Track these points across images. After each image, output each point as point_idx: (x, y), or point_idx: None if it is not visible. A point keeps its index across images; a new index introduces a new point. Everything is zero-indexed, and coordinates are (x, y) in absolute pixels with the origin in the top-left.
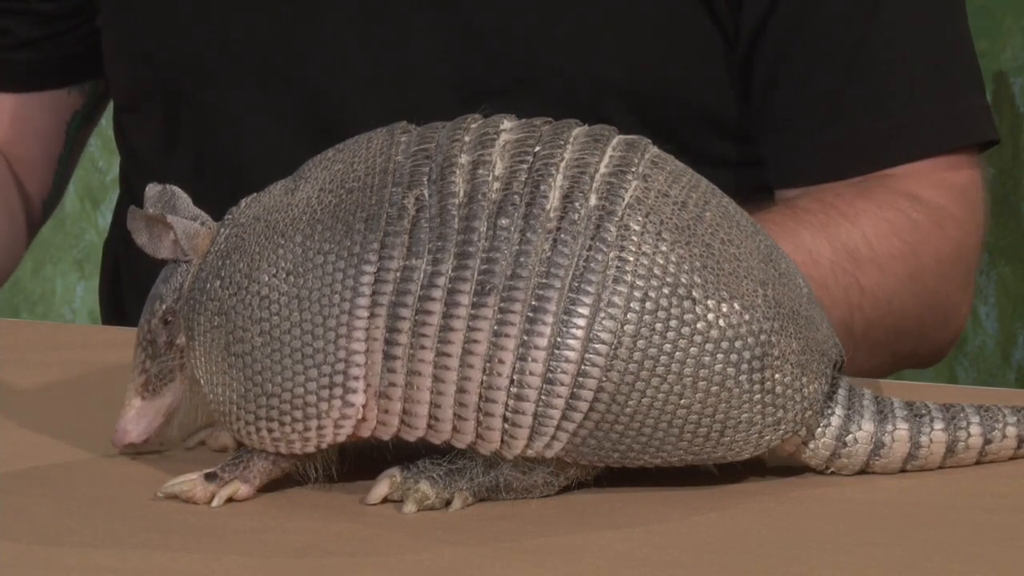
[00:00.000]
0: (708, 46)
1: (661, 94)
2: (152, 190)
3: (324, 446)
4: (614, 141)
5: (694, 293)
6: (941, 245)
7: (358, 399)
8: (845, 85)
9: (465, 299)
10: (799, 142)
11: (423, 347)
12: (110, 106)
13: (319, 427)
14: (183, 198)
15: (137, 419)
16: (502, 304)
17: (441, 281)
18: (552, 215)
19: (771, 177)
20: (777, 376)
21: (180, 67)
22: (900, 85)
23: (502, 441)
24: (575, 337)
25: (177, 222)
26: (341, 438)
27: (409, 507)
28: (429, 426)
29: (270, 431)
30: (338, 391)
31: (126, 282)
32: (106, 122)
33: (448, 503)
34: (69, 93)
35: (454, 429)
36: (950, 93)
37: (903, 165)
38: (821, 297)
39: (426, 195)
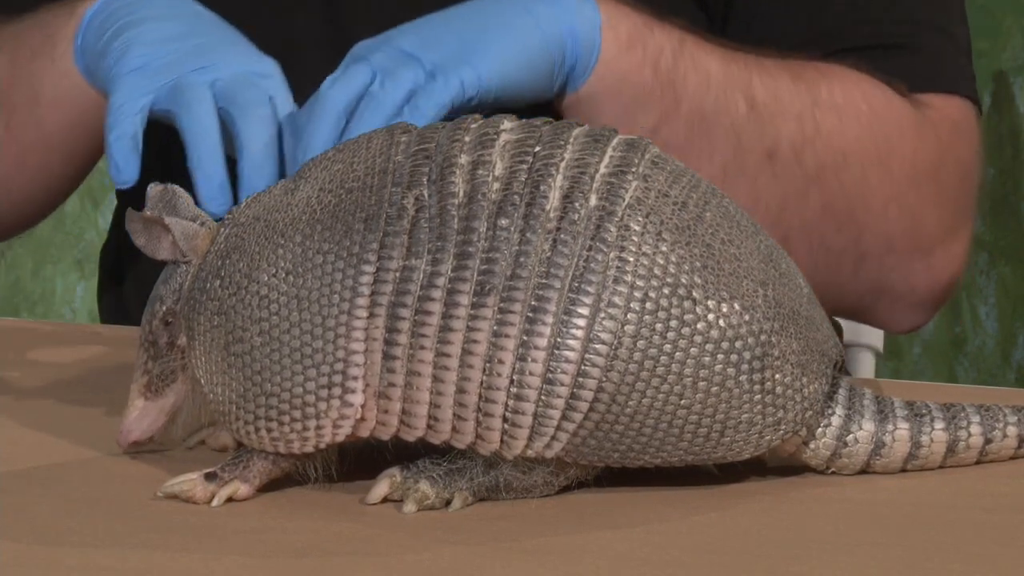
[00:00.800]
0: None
1: None
2: (153, 190)
3: (323, 446)
4: (614, 141)
5: (694, 293)
6: (917, 147)
7: (357, 399)
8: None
9: (465, 299)
10: None
11: (422, 347)
12: None
13: (318, 427)
14: (184, 198)
15: (140, 419)
16: (502, 304)
17: (441, 281)
18: (552, 215)
19: None
20: (777, 376)
21: None
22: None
23: (502, 441)
24: (575, 337)
25: (175, 223)
26: (340, 438)
27: (409, 507)
28: (429, 426)
29: (269, 431)
30: (337, 391)
31: (131, 282)
32: None
33: (448, 503)
34: None
35: (454, 429)
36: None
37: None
38: (769, 104)
39: (426, 195)
